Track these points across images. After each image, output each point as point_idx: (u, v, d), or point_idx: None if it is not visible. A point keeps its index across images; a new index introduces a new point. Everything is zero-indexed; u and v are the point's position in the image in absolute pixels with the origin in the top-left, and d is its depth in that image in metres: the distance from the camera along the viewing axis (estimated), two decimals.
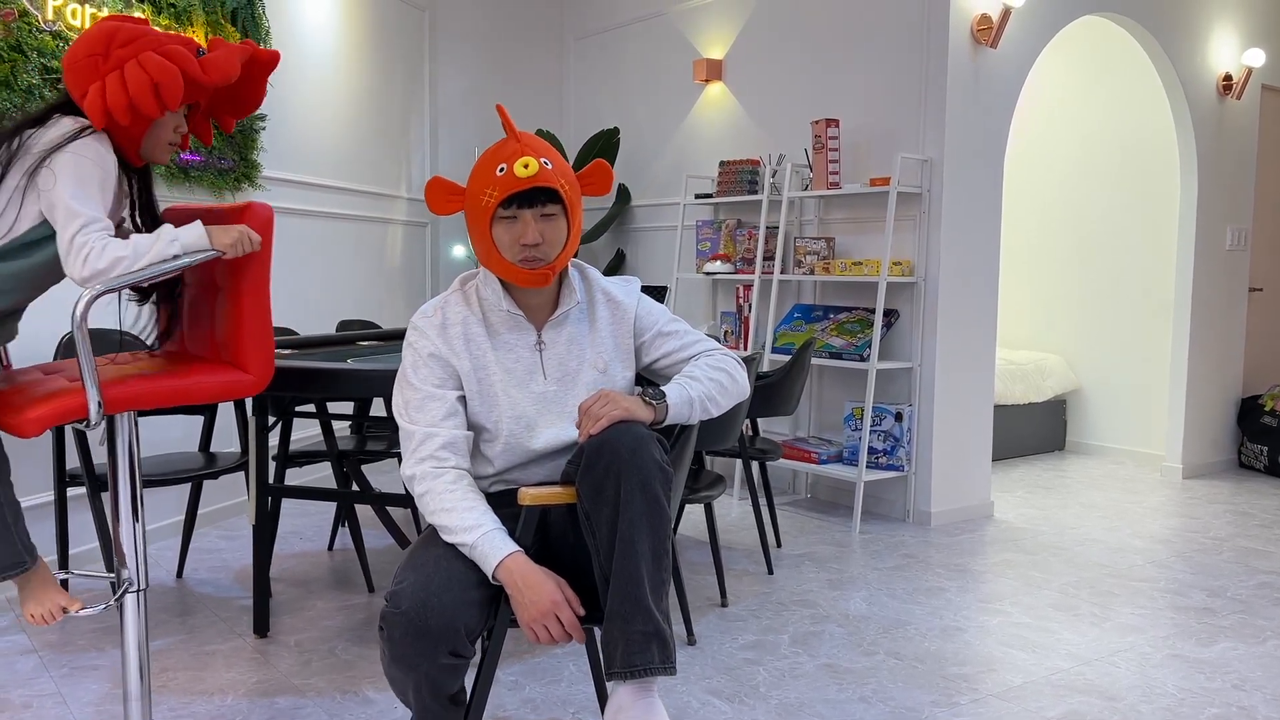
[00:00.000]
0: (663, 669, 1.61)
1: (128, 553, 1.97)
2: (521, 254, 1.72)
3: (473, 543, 1.65)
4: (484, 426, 1.79)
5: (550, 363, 1.81)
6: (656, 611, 1.61)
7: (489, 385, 1.78)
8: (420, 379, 1.76)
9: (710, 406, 1.81)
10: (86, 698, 2.40)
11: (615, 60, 5.78)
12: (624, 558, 1.60)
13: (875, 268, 4.15)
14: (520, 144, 1.71)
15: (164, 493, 3.80)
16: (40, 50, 3.08)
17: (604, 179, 1.80)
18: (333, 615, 3.01)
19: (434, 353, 1.77)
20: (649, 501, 1.61)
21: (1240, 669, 2.68)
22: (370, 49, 5.04)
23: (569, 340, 1.82)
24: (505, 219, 1.72)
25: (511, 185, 1.68)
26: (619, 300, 1.87)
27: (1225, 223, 5.34)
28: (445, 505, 1.68)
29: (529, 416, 1.79)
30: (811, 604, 3.18)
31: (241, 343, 1.96)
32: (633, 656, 1.59)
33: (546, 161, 1.70)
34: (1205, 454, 5.42)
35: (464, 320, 1.79)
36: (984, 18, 4.11)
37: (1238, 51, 5.32)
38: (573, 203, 1.75)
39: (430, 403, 1.75)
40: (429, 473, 1.71)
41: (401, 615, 1.58)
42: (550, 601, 1.62)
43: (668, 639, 1.62)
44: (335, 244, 4.79)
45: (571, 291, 1.83)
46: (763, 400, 3.48)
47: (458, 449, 1.74)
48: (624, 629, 1.59)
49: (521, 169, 1.67)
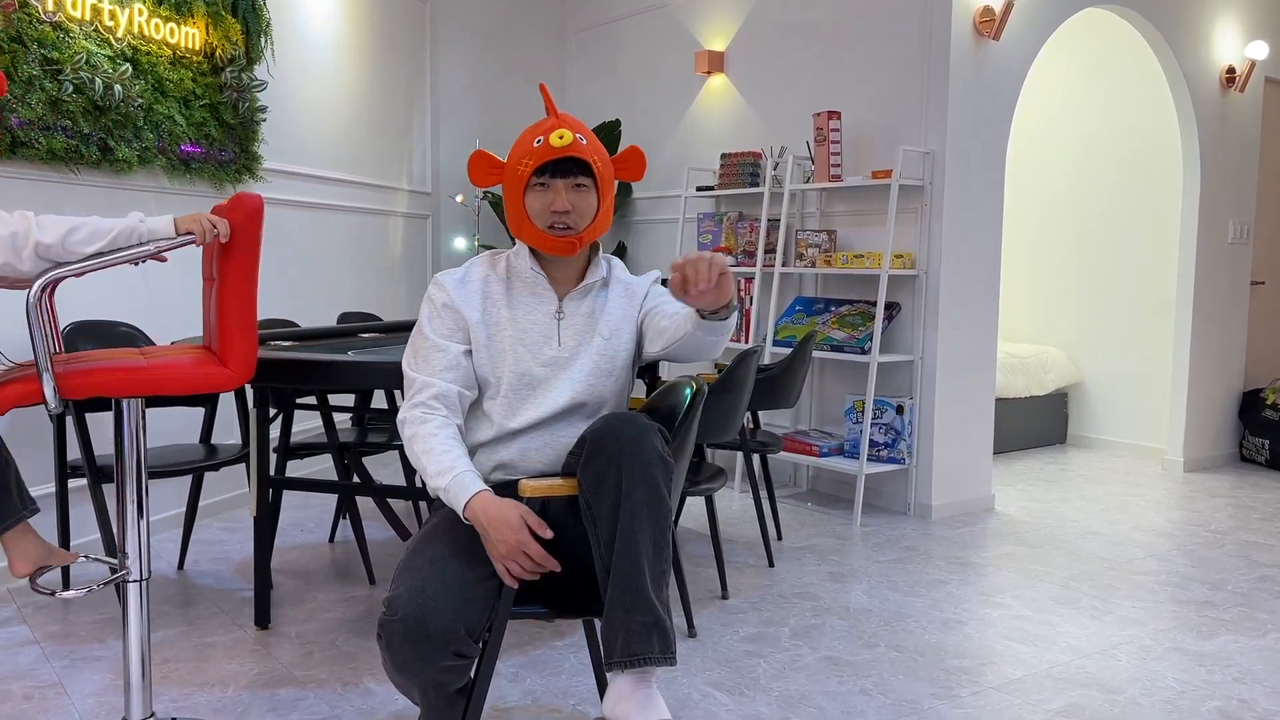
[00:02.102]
0: (662, 659, 1.60)
1: (131, 543, 1.97)
2: (551, 219, 1.78)
3: (445, 485, 1.68)
4: (488, 380, 1.83)
5: (566, 332, 1.85)
6: (657, 602, 1.61)
7: (498, 340, 1.83)
8: (431, 329, 1.82)
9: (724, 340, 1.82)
10: (88, 688, 2.40)
11: (617, 52, 5.77)
12: (625, 548, 1.60)
13: (877, 260, 4.15)
14: (559, 119, 1.79)
15: (165, 485, 3.80)
16: (41, 41, 3.07)
17: (638, 164, 1.88)
18: (334, 607, 3.02)
19: (447, 303, 1.83)
20: (650, 492, 1.61)
21: (1241, 662, 2.68)
22: (371, 41, 5.03)
23: (587, 314, 1.87)
24: (538, 187, 1.79)
25: (546, 154, 1.75)
26: (633, 282, 1.94)
27: (1227, 216, 5.33)
28: (426, 448, 1.73)
29: (534, 375, 1.82)
30: (812, 596, 3.18)
31: (223, 335, 1.94)
32: (633, 646, 1.59)
33: (582, 137, 1.78)
34: (1207, 447, 5.42)
35: (484, 279, 1.87)
36: (986, 10, 4.10)
37: (1241, 44, 5.30)
38: (604, 180, 1.82)
39: (435, 353, 1.80)
40: (417, 418, 1.76)
41: (399, 622, 1.58)
42: (515, 540, 1.62)
43: (668, 630, 1.62)
44: (336, 236, 4.78)
45: (598, 268, 1.89)
46: (764, 393, 3.48)
47: (449, 402, 1.79)
48: (624, 619, 1.59)
49: (557, 139, 1.75)
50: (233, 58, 3.88)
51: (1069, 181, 6.11)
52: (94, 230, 1.80)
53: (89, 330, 3.10)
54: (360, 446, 3.39)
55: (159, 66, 3.54)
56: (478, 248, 5.59)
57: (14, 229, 1.74)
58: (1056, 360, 5.96)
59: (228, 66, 3.87)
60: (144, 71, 3.47)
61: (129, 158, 3.39)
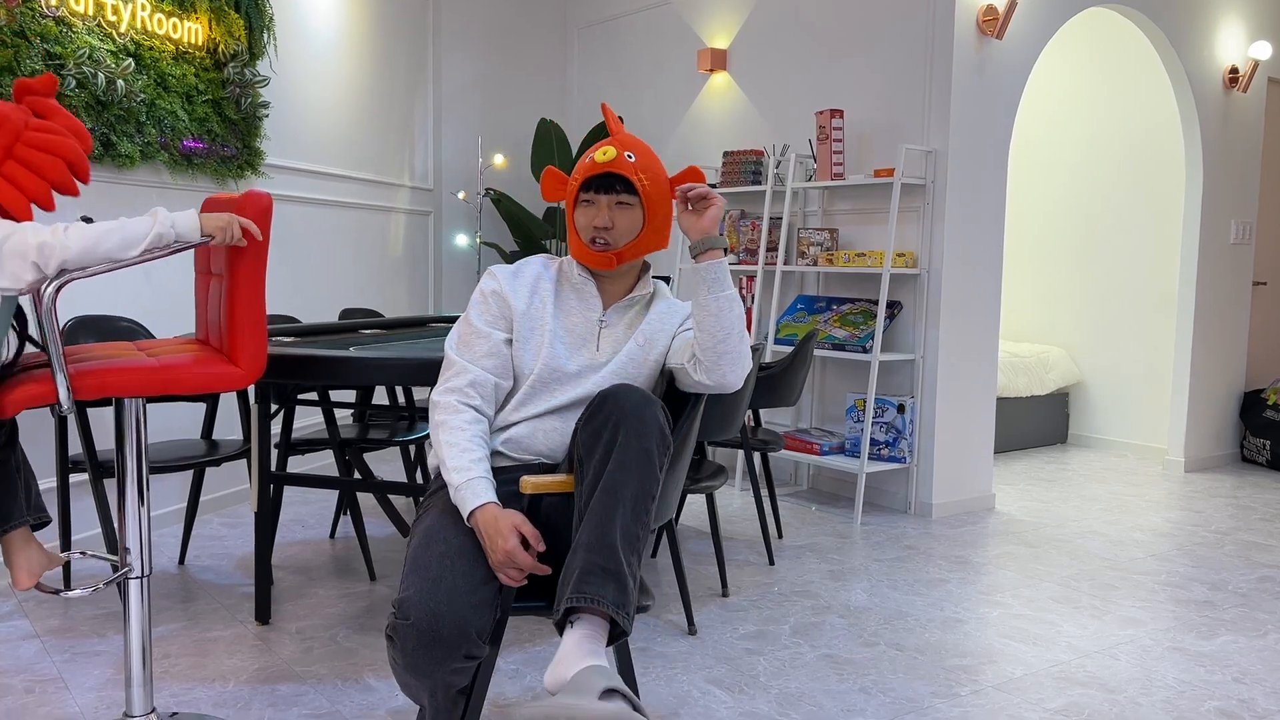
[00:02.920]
0: (616, 612, 1.52)
1: (132, 539, 1.97)
2: (592, 234, 1.83)
3: (459, 484, 1.70)
4: (522, 372, 1.85)
5: (605, 340, 1.88)
6: (623, 557, 1.56)
7: (538, 335, 1.85)
8: (476, 314, 1.86)
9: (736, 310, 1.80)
10: (88, 683, 2.41)
11: (619, 50, 5.76)
12: (604, 495, 1.58)
13: (879, 259, 4.14)
14: (614, 138, 1.83)
15: (166, 480, 3.80)
16: (44, 36, 3.07)
17: (696, 181, 1.86)
18: (334, 603, 3.02)
19: (497, 290, 1.86)
20: (642, 454, 1.60)
21: (1241, 662, 2.68)
22: (374, 37, 5.03)
23: (628, 325, 1.90)
24: (584, 203, 1.84)
25: (590, 170, 1.81)
26: (676, 304, 1.97)
27: (1230, 216, 5.32)
28: (451, 440, 1.74)
29: (566, 372, 1.85)
30: (812, 595, 3.18)
31: (233, 334, 1.94)
32: (585, 585, 1.53)
33: (630, 155, 1.81)
34: (1208, 448, 5.41)
35: (538, 275, 1.91)
36: (990, 9, 4.10)
37: (1244, 44, 5.30)
38: (652, 198, 1.84)
39: (477, 340, 1.83)
40: (451, 405, 1.78)
41: (411, 626, 1.56)
42: (504, 552, 1.62)
43: (629, 590, 1.55)
44: (338, 232, 4.78)
45: (645, 285, 1.93)
46: (765, 391, 3.48)
47: (484, 390, 1.81)
48: (585, 559, 1.55)
49: (601, 155, 1.80)
50: (235, 53, 3.87)
51: (1071, 181, 6.10)
52: (125, 239, 1.77)
53: (90, 325, 3.10)
54: (361, 442, 3.39)
55: (161, 62, 3.54)
56: (479, 244, 5.59)
57: (44, 239, 1.71)
58: (1058, 360, 5.96)
59: (230, 62, 3.86)
60: (146, 67, 3.47)
61: (131, 153, 3.39)
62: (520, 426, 1.84)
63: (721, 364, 1.78)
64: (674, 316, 1.94)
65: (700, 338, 1.79)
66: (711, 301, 1.77)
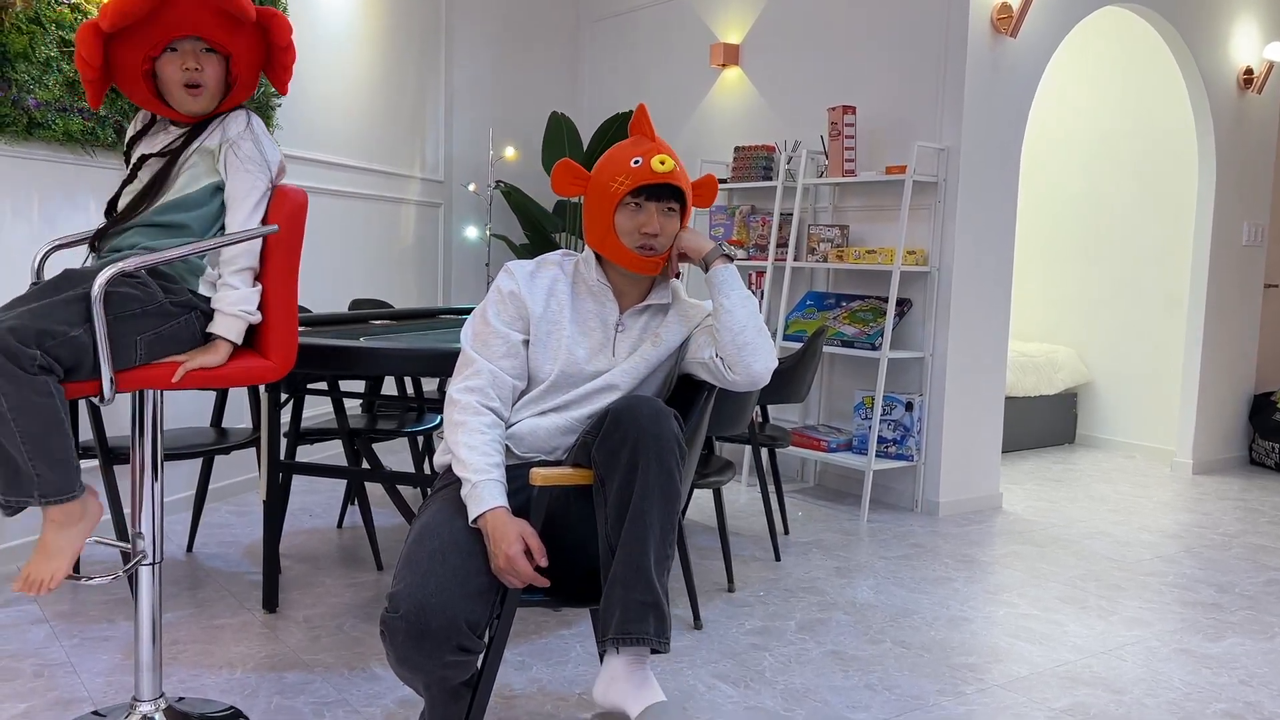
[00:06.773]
0: (658, 642, 1.61)
1: (145, 526, 1.98)
2: (640, 241, 1.83)
3: (475, 482, 1.71)
4: (537, 374, 1.87)
5: (622, 344, 1.90)
6: (658, 584, 1.62)
7: (555, 338, 1.86)
8: (494, 314, 1.86)
9: (750, 306, 1.84)
10: (97, 668, 2.42)
11: (631, 43, 5.76)
12: (634, 526, 1.61)
13: (889, 256, 4.14)
14: (656, 144, 1.85)
15: (176, 467, 3.82)
16: (59, 23, 3.08)
17: (710, 192, 1.95)
18: (341, 592, 3.03)
19: (514, 291, 1.87)
20: (663, 475, 1.63)
21: (1248, 664, 2.67)
22: (386, 28, 5.03)
23: (643, 328, 1.92)
24: (631, 206, 1.83)
25: (646, 177, 1.80)
26: (693, 305, 1.98)
27: (1242, 218, 5.30)
28: (469, 442, 1.75)
29: (581, 374, 1.86)
30: (818, 591, 3.18)
31: (266, 328, 1.97)
32: (629, 624, 1.60)
33: (676, 164, 1.85)
34: (1216, 450, 5.40)
35: (554, 278, 1.91)
36: (1004, 6, 4.08)
37: (1259, 45, 5.27)
38: (688, 208, 1.89)
39: (495, 340, 1.84)
40: (472, 406, 1.80)
41: (400, 619, 1.58)
42: (506, 558, 1.64)
43: (665, 615, 1.63)
44: (348, 223, 4.79)
45: (665, 288, 1.94)
46: (773, 387, 3.48)
47: (502, 391, 1.83)
48: (624, 595, 1.61)
49: (658, 164, 1.80)
50: None
51: (1083, 181, 6.08)
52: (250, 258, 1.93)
53: None
54: (370, 433, 3.40)
55: None
56: (489, 237, 5.59)
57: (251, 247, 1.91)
58: (1066, 360, 5.94)
59: None
60: None
61: None
62: (523, 424, 1.85)
63: (744, 356, 1.81)
64: (689, 321, 1.94)
65: (721, 337, 1.82)
66: (725, 303, 1.83)
